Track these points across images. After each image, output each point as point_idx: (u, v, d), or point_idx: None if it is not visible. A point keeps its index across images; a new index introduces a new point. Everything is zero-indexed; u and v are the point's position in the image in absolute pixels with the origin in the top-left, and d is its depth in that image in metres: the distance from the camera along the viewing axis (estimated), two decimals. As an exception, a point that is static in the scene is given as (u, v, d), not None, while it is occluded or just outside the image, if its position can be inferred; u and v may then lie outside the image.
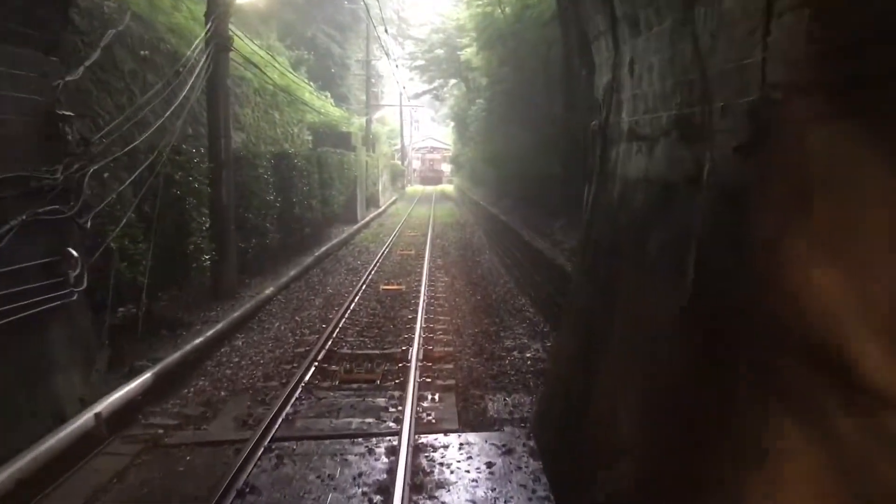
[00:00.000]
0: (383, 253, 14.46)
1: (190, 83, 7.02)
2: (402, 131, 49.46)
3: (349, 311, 8.73)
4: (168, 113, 6.28)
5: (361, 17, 27.76)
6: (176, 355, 5.74)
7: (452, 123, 48.42)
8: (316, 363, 6.41)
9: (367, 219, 21.65)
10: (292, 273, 10.68)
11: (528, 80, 16.64)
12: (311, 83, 22.16)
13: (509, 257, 12.54)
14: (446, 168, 65.49)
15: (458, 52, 33.80)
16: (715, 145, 2.46)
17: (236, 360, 6.49)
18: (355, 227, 18.81)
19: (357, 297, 9.58)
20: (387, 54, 26.44)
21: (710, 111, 2.51)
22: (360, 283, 10.55)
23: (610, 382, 3.38)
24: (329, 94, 22.13)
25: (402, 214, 26.12)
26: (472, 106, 30.77)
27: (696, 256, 2.49)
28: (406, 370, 6.16)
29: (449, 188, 52.10)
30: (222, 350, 6.74)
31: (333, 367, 6.37)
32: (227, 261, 8.38)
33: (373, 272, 11.95)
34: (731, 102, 2.34)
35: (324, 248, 13.71)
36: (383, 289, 10.45)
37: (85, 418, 4.12)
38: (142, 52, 8.31)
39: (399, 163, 47.47)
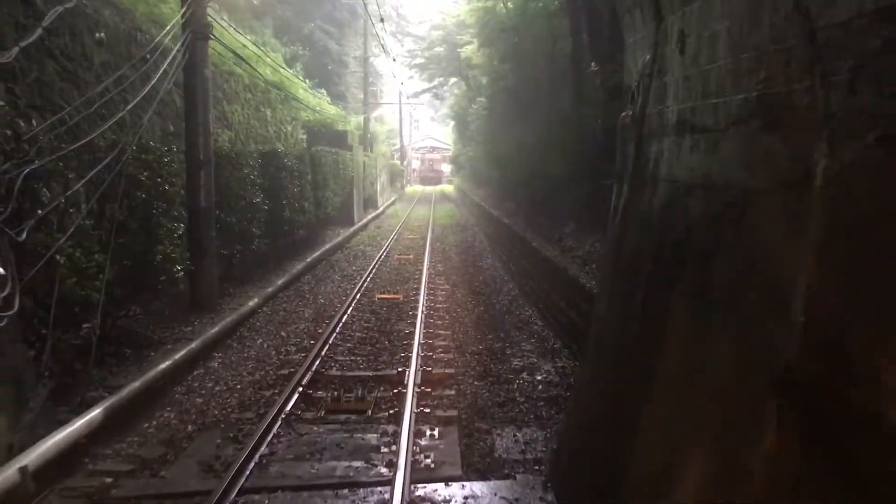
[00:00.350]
0: (380, 258, 13.71)
1: (160, 72, 6.27)
2: (402, 130, 48.71)
3: (341, 325, 7.99)
4: (131, 105, 5.53)
5: (359, 13, 27.04)
6: (136, 383, 5.00)
7: (452, 123, 47.74)
8: (300, 388, 5.66)
9: (365, 220, 20.91)
10: (281, 281, 9.93)
11: (531, 77, 15.91)
12: (308, 81, 21.44)
13: (514, 263, 11.79)
14: (446, 168, 64.75)
15: (459, 50, 33.10)
16: (835, 135, 1.71)
17: (210, 385, 5.74)
18: (352, 229, 18.07)
19: (350, 309, 8.84)
20: (384, 49, 25.67)
21: (825, 87, 1.77)
22: (355, 292, 9.80)
23: (659, 443, 2.63)
24: (325, 92, 21.39)
25: (400, 216, 25.39)
26: (473, 105, 30.04)
27: (805, 298, 1.74)
28: (401, 397, 5.42)
29: (449, 188, 51.39)
30: (195, 373, 5.99)
31: (319, 394, 5.63)
32: (206, 270, 7.64)
33: (368, 279, 11.21)
34: (868, 73, 1.60)
35: (317, 253, 12.96)
36: (379, 298, 9.71)
37: (7, 473, 3.38)
38: (101, 37, 7.57)
39: (398, 163, 46.73)
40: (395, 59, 32.38)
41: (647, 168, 3.38)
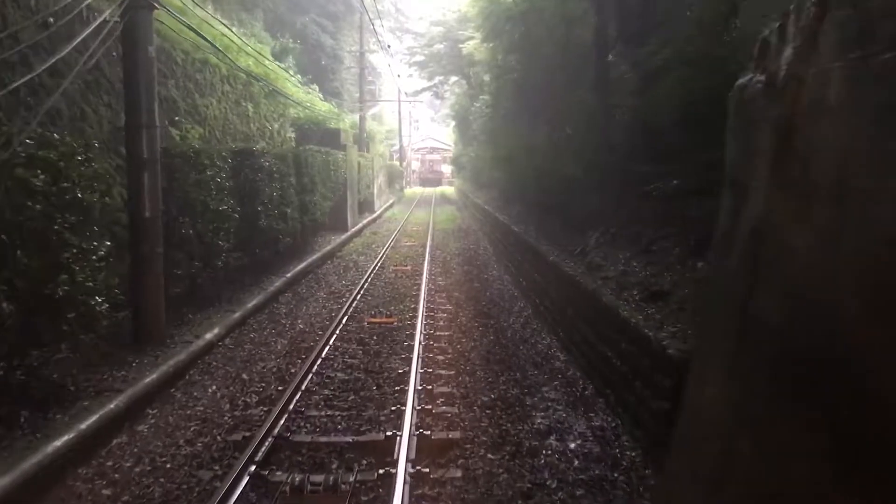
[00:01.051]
0: (374, 270, 12.23)
1: (81, 45, 4.80)
2: (401, 130, 47.26)
3: (320, 361, 6.51)
4: (15, 85, 4.06)
5: (355, 6, 25.60)
6: (7, 479, 3.51)
7: (453, 123, 46.34)
8: (252, 467, 4.19)
9: (360, 226, 19.43)
10: (254, 302, 8.44)
11: (541, 68, 14.43)
12: (300, 76, 19.98)
13: (525, 278, 10.30)
14: (447, 169, 63.40)
15: (460, 46, 31.70)
16: None
17: (129, 463, 4.25)
18: (344, 236, 16.59)
19: (333, 338, 7.36)
20: (380, 42, 24.27)
21: None
22: (341, 315, 8.32)
23: None
24: (317, 88, 19.93)
25: (398, 220, 23.92)
26: (475, 103, 28.59)
27: None
28: (389, 481, 3.95)
29: (449, 190, 49.98)
30: (113, 444, 4.50)
31: (278, 476, 4.14)
32: (150, 295, 6.16)
33: (358, 297, 9.73)
34: None
35: (302, 265, 11.47)
36: (369, 323, 8.22)
37: None
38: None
39: (397, 164, 45.28)
40: (391, 52, 30.97)
41: (811, 166, 1.89)
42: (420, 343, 7.03)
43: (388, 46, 27.32)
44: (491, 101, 22.87)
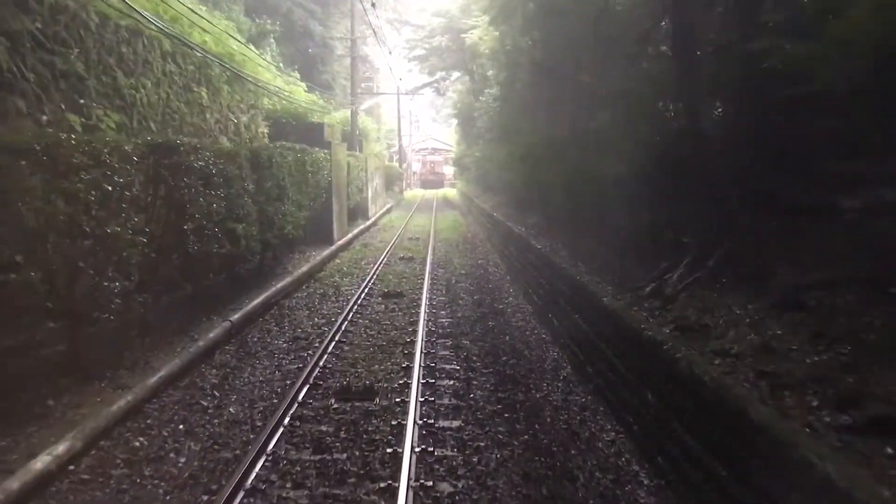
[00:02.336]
0: (358, 300, 9.51)
1: None
2: (400, 128, 44.59)
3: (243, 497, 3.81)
4: None
5: (347, -11, 22.95)
6: None
7: (455, 122, 43.64)
8: None
9: (349, 237, 16.71)
10: (162, 373, 5.62)
11: (566, 46, 11.74)
12: (284, 65, 17.28)
13: (560, 317, 7.49)
14: (449, 171, 60.75)
15: (463, 36, 29.01)
16: None
17: None
18: (328, 250, 13.86)
19: (275, 440, 4.64)
20: (374, 31, 21.55)
21: None
22: (297, 388, 5.61)
23: None
24: (298, 76, 17.21)
25: (396, 228, 21.19)
26: (480, 97, 25.87)
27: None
28: None
29: (452, 193, 47.31)
30: None
31: None
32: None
33: (329, 348, 7.01)
34: None
35: (261, 297, 8.73)
36: (335, 406, 5.47)
37: None
38: None
39: (396, 165, 42.61)
40: (390, 46, 28.29)
41: None
42: (411, 460, 4.31)
43: (387, 44, 24.63)
44: (500, 94, 20.17)
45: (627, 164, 7.57)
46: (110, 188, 5.25)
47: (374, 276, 11.74)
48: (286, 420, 5.01)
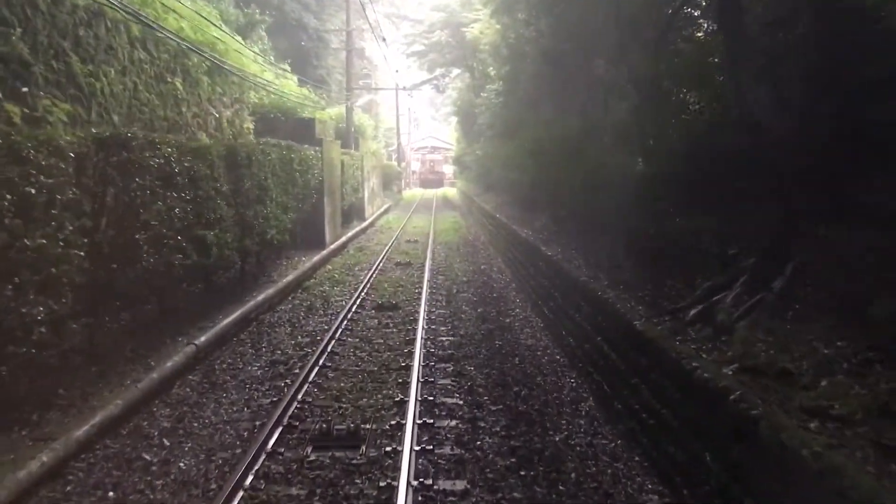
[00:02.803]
0: (348, 313, 8.52)
1: None
2: (399, 125, 43.59)
3: None
4: None
5: (343, -20, 21.91)
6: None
7: (455, 119, 42.59)
8: None
9: (343, 239, 15.71)
10: (105, 414, 4.64)
11: (578, 33, 10.75)
12: (273, 58, 16.28)
13: (577, 335, 6.50)
14: (449, 170, 59.69)
15: (464, 30, 28.01)
16: None
17: None
18: (320, 255, 12.87)
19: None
20: (371, 28, 20.57)
21: None
22: (265, 434, 4.62)
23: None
24: (289, 68, 16.19)
25: (393, 230, 20.21)
26: (482, 93, 24.89)
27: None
28: None
29: (451, 192, 46.31)
30: None
31: None
32: None
33: (311, 376, 6.02)
34: None
35: (239, 312, 7.71)
36: (310, 462, 4.47)
37: None
38: None
39: (395, 164, 41.61)
40: (388, 41, 27.26)
41: None
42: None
43: (379, 28, 23.60)
44: (502, 88, 19.19)
45: (653, 161, 6.60)
46: (33, 191, 4.26)
47: (368, 285, 10.75)
48: (248, 479, 4.02)
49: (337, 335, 7.51)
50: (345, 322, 8.18)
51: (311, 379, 5.96)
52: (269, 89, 13.41)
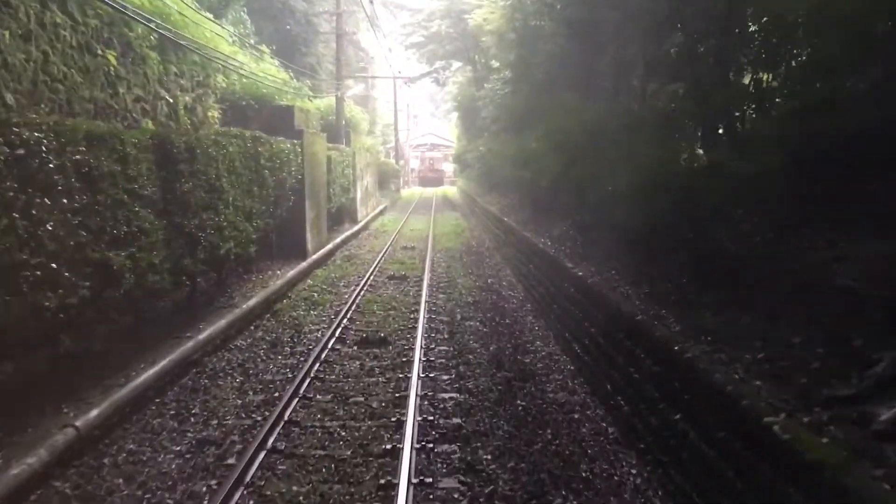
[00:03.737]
0: (322, 353, 6.55)
1: None
2: (397, 119, 41.63)
3: None
4: None
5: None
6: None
7: (456, 115, 40.56)
8: None
9: (330, 246, 13.73)
10: None
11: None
12: (259, 45, 14.25)
13: (675, 447, 4.51)
14: (449, 168, 57.71)
15: (466, 17, 26.01)
16: None
17: None
18: (299, 267, 10.89)
19: None
20: (367, 15, 18.60)
21: None
22: None
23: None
24: (268, 50, 14.16)
25: (388, 233, 18.23)
26: (485, 84, 22.89)
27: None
28: None
29: (452, 191, 44.35)
30: None
31: None
32: None
33: (252, 468, 4.04)
34: None
35: (164, 362, 5.67)
36: None
37: None
38: None
39: (392, 161, 39.65)
40: (384, 32, 25.23)
41: None
42: None
43: (375, 16, 21.58)
44: (511, 76, 17.20)
45: (752, 156, 4.64)
46: None
47: (353, 307, 8.78)
48: None
49: (302, 389, 5.55)
50: (316, 365, 6.22)
51: (249, 477, 3.99)
52: (241, 72, 11.41)
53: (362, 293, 9.80)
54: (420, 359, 6.35)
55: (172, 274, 5.96)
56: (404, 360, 6.44)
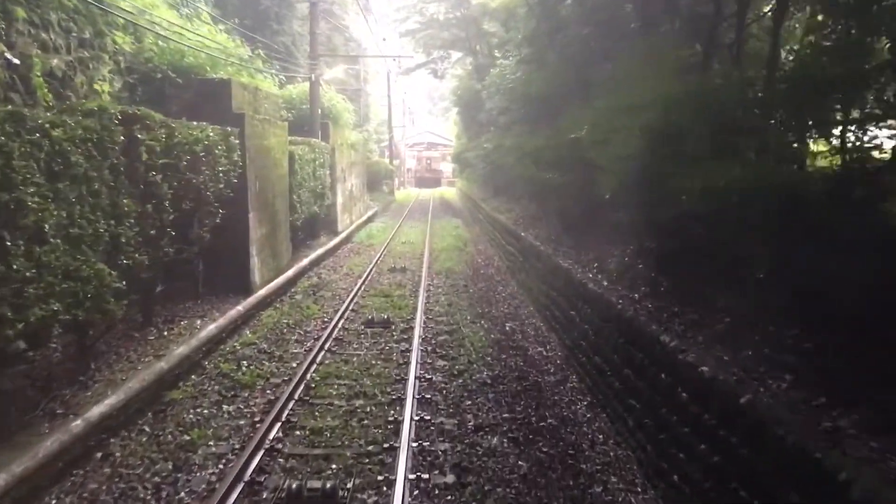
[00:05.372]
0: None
1: None
2: (391, 114, 38.18)
3: None
4: None
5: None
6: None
7: (455, 111, 37.11)
8: None
9: (290, 273, 10.27)
10: None
11: None
12: (210, 11, 10.70)
13: None
14: (447, 168, 54.23)
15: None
16: None
17: None
18: (226, 316, 7.44)
19: None
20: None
21: None
22: None
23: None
24: (206, 13, 10.63)
25: (374, 248, 14.75)
26: (492, 69, 19.44)
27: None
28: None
29: (450, 193, 40.98)
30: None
31: None
32: None
33: None
34: None
35: None
36: None
37: None
38: None
39: (385, 160, 36.20)
40: (375, 17, 21.79)
41: None
42: None
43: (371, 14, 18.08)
44: (528, 54, 13.76)
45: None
46: None
47: (297, 395, 5.36)
48: None
49: None
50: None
51: None
52: (153, 31, 7.97)
53: (319, 359, 6.38)
54: None
55: None
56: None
